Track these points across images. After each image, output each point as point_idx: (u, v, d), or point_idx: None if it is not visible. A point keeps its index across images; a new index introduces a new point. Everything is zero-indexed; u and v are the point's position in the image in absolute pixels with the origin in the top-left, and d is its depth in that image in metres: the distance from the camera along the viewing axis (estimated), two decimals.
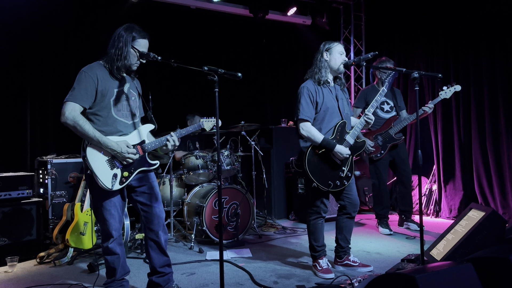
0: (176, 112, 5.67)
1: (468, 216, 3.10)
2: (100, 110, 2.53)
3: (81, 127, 2.42)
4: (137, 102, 2.74)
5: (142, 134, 2.69)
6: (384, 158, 4.59)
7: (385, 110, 4.64)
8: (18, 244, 3.74)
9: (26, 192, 3.89)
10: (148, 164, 2.67)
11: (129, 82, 2.69)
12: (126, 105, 2.63)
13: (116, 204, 2.60)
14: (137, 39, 2.58)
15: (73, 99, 2.45)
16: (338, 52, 3.19)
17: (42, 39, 4.91)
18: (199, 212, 4.15)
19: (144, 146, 2.65)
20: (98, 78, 2.51)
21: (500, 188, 4.81)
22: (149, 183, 2.70)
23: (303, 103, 3.14)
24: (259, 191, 5.55)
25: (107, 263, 2.66)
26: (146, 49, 2.62)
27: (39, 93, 4.87)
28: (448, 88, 4.27)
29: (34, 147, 4.81)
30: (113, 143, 2.48)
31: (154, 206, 2.68)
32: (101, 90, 2.51)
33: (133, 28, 2.60)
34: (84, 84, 2.47)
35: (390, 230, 4.55)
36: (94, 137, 2.45)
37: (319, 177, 3.09)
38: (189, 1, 5.80)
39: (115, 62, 2.54)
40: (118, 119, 2.58)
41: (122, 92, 2.61)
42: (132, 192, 2.68)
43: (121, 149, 2.49)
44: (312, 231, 3.27)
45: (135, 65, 2.62)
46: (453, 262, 2.26)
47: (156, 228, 2.68)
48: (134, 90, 2.72)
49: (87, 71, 2.51)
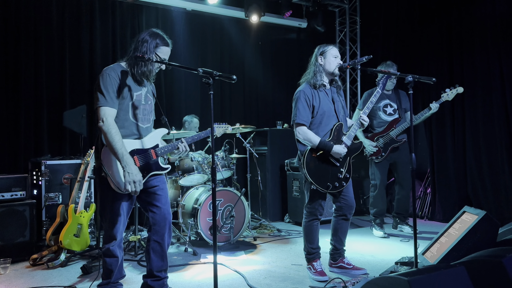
0: (172, 114, 5.66)
1: (462, 219, 3.12)
2: (118, 112, 2.53)
3: (112, 136, 2.41)
4: (153, 106, 2.77)
5: (156, 138, 2.71)
6: (385, 160, 4.61)
7: (387, 112, 4.66)
8: (10, 246, 3.70)
9: (19, 193, 3.86)
10: (161, 168, 2.69)
11: (147, 86, 2.71)
12: (143, 109, 2.65)
13: (123, 207, 2.61)
14: (160, 46, 2.61)
15: (107, 104, 2.44)
16: (333, 55, 3.21)
17: (37, 36, 4.88)
18: (194, 214, 4.14)
19: (158, 150, 2.67)
20: (121, 80, 2.52)
21: (494, 190, 4.84)
22: (160, 185, 2.71)
23: (300, 107, 3.16)
24: (254, 193, 5.55)
25: (105, 264, 2.65)
26: (168, 56, 2.65)
27: (34, 92, 4.84)
28: (451, 90, 4.32)
29: (28, 148, 4.77)
30: (132, 167, 2.43)
31: (163, 208, 2.69)
32: (120, 92, 2.52)
33: (157, 35, 2.63)
34: (111, 87, 2.48)
35: (384, 233, 4.57)
36: (120, 150, 2.41)
37: (318, 179, 3.10)
38: (185, 3, 5.80)
39: (139, 67, 2.56)
40: (134, 122, 2.60)
41: (141, 96, 2.64)
42: (143, 193, 2.67)
43: (134, 177, 2.43)
44: (307, 233, 3.28)
45: (155, 71, 2.66)
46: (446, 265, 2.27)
47: (162, 230, 2.68)
48: (150, 94, 2.75)
49: (110, 73, 2.51)
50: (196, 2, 5.85)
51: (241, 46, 6.48)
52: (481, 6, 4.98)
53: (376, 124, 4.68)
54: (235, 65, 6.37)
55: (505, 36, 4.74)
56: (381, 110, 4.65)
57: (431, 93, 5.32)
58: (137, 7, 5.51)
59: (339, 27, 7.11)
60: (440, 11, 5.45)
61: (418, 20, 5.74)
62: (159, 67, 2.65)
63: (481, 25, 4.98)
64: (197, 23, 6.06)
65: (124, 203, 2.61)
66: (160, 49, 2.61)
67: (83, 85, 5.05)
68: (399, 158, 4.63)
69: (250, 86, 6.57)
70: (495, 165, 4.84)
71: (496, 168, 4.83)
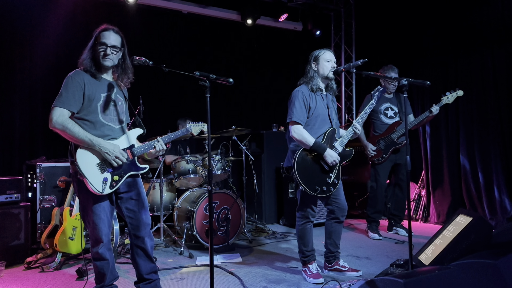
0: (167, 116, 5.66)
1: (456, 222, 3.14)
2: (88, 114, 2.53)
3: (70, 130, 2.43)
4: (124, 107, 2.75)
5: (131, 139, 2.69)
6: (386, 162, 4.63)
7: (388, 115, 4.69)
8: (5, 249, 3.67)
9: (14, 196, 3.84)
10: (138, 168, 2.67)
11: (116, 87, 2.70)
12: (113, 110, 2.64)
13: (105, 209, 2.59)
14: (98, 34, 2.59)
15: (61, 104, 2.46)
16: (325, 60, 3.24)
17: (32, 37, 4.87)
18: (190, 217, 4.14)
19: (134, 150, 2.66)
20: (85, 83, 2.53)
21: (487, 193, 4.89)
22: (137, 189, 2.69)
23: (297, 106, 3.18)
24: (250, 196, 5.56)
25: (96, 268, 2.64)
26: (111, 39, 2.59)
27: (28, 94, 4.82)
28: (451, 93, 4.35)
29: (23, 150, 4.75)
30: (106, 143, 2.50)
31: (141, 213, 2.67)
32: (88, 94, 2.52)
33: (101, 28, 2.63)
34: (71, 89, 2.49)
35: (379, 235, 4.59)
36: (86, 137, 2.45)
37: (307, 181, 3.11)
38: (181, 6, 5.81)
39: (88, 62, 2.57)
40: (105, 123, 2.59)
41: (109, 97, 2.62)
42: (119, 199, 2.66)
43: (114, 148, 2.50)
44: (301, 236, 3.30)
45: (107, 60, 2.58)
46: (440, 267, 2.29)
47: (142, 235, 2.66)
48: (120, 95, 2.73)
49: (74, 76, 2.53)
50: (192, 5, 5.86)
51: (237, 49, 6.50)
52: (475, 11, 5.03)
53: (377, 127, 4.71)
54: (231, 68, 6.38)
55: (497, 40, 4.80)
56: (382, 113, 4.68)
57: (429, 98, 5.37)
58: (132, 10, 5.50)
59: (334, 31, 7.15)
60: (435, 15, 5.49)
61: (413, 23, 5.79)
62: (110, 53, 2.57)
63: (475, 28, 5.03)
64: (193, 25, 6.07)
65: (105, 204, 2.59)
66: (100, 36, 2.57)
67: None
68: (400, 160, 4.66)
69: (246, 89, 6.58)
70: (489, 168, 4.88)
71: (490, 170, 4.87)
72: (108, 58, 2.58)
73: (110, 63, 2.60)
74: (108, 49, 2.56)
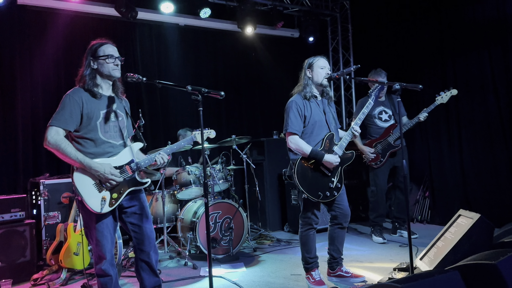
0: (168, 128, 5.70)
1: (457, 223, 3.14)
2: (87, 133, 2.54)
3: (63, 149, 2.43)
4: (125, 122, 2.74)
5: (130, 154, 2.68)
6: (384, 165, 4.64)
7: (383, 119, 4.70)
8: (12, 266, 3.72)
9: (18, 214, 3.89)
10: (138, 183, 2.66)
11: (116, 102, 2.70)
12: (113, 126, 2.64)
13: (108, 226, 2.59)
14: (98, 48, 2.62)
15: (57, 123, 2.47)
16: (319, 67, 3.26)
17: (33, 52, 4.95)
18: (193, 228, 4.16)
19: (133, 165, 2.63)
20: (83, 101, 2.53)
21: (491, 193, 4.85)
22: (140, 203, 2.69)
23: (292, 116, 3.20)
24: (252, 204, 5.57)
25: (100, 284, 2.64)
26: (113, 51, 2.64)
27: (30, 111, 4.88)
28: (445, 93, 4.36)
29: (27, 168, 4.80)
30: (96, 164, 2.47)
31: (145, 227, 2.67)
32: (86, 113, 2.53)
33: (93, 43, 2.66)
34: (68, 108, 2.49)
35: (383, 239, 4.57)
36: (77, 159, 2.44)
37: (309, 188, 3.12)
38: (178, 19, 5.88)
39: (89, 80, 2.58)
40: (106, 140, 2.59)
41: (109, 113, 2.62)
42: (123, 214, 2.67)
43: (104, 170, 2.47)
44: (304, 243, 3.30)
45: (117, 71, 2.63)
46: (440, 270, 2.29)
47: (147, 249, 2.67)
48: (121, 110, 2.73)
49: (71, 95, 2.54)
50: (189, 17, 5.93)
51: (235, 58, 6.55)
52: (471, 10, 5.04)
53: (373, 131, 4.72)
54: (229, 78, 6.42)
55: (494, 39, 4.80)
56: (376, 117, 4.69)
57: (425, 97, 5.35)
58: (130, 24, 5.57)
59: (331, 35, 7.18)
60: (431, 15, 5.50)
61: (410, 25, 5.80)
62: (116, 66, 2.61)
63: (471, 28, 5.04)
64: (190, 37, 6.14)
65: (108, 221, 2.58)
66: (100, 50, 2.61)
67: None
68: (398, 163, 4.65)
69: (245, 97, 6.62)
70: (492, 168, 4.86)
71: (492, 170, 4.85)
72: (118, 68, 2.63)
73: (119, 74, 2.65)
74: (116, 60, 2.62)
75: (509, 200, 4.67)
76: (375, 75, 4.61)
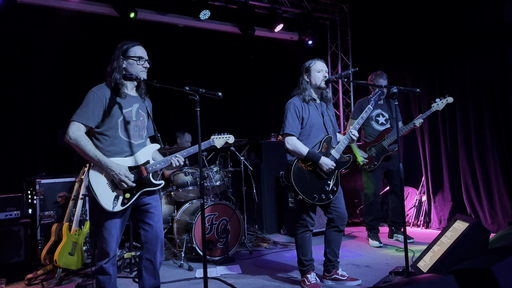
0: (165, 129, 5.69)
1: (454, 227, 3.13)
2: (108, 130, 2.57)
3: (82, 146, 2.47)
4: (146, 122, 2.79)
5: (147, 155, 2.71)
6: (378, 169, 4.64)
7: (380, 122, 4.71)
8: (6, 266, 3.69)
9: (14, 213, 3.86)
10: (151, 184, 2.68)
11: (138, 102, 2.73)
12: (134, 125, 2.67)
13: (116, 225, 2.61)
14: (130, 49, 2.65)
15: (79, 119, 2.50)
16: (316, 70, 3.27)
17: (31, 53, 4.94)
18: (189, 229, 4.14)
19: (148, 167, 2.66)
20: (107, 98, 2.56)
21: (488, 197, 4.86)
22: (153, 203, 2.71)
23: (289, 118, 3.21)
24: (249, 206, 5.55)
25: (98, 282, 2.64)
26: (143, 53, 2.69)
27: (27, 110, 4.85)
28: (441, 100, 4.37)
29: (23, 166, 4.78)
30: (114, 164, 2.51)
31: (156, 226, 2.69)
32: (109, 110, 2.55)
33: (124, 42, 2.69)
34: (92, 104, 2.53)
35: (380, 242, 4.57)
36: (95, 156, 2.48)
37: (305, 190, 3.12)
38: (177, 20, 5.88)
39: (115, 78, 2.60)
40: (124, 139, 2.62)
41: (131, 112, 2.66)
42: (135, 211, 2.69)
43: (120, 171, 2.50)
44: (300, 245, 3.29)
45: (145, 73, 2.68)
46: (435, 275, 2.29)
47: (154, 249, 2.67)
48: (143, 110, 2.76)
49: (96, 91, 2.57)
50: (189, 19, 5.93)
51: (234, 60, 6.55)
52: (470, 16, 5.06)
53: (368, 134, 4.73)
54: (228, 80, 6.42)
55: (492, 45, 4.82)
56: (373, 120, 4.69)
57: (426, 101, 5.37)
58: (129, 25, 5.57)
59: (330, 39, 7.20)
60: (429, 20, 5.52)
61: (408, 29, 5.82)
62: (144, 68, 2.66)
63: (468, 34, 5.06)
64: (189, 39, 6.13)
65: (117, 220, 2.61)
66: (131, 51, 2.65)
67: (77, 103, 5.05)
68: (392, 167, 4.66)
69: (244, 99, 6.62)
70: (489, 173, 4.86)
71: (489, 175, 4.85)
72: (145, 71, 2.68)
73: (145, 76, 2.69)
74: (146, 62, 2.66)
75: (505, 205, 4.68)
76: (376, 77, 4.60)
